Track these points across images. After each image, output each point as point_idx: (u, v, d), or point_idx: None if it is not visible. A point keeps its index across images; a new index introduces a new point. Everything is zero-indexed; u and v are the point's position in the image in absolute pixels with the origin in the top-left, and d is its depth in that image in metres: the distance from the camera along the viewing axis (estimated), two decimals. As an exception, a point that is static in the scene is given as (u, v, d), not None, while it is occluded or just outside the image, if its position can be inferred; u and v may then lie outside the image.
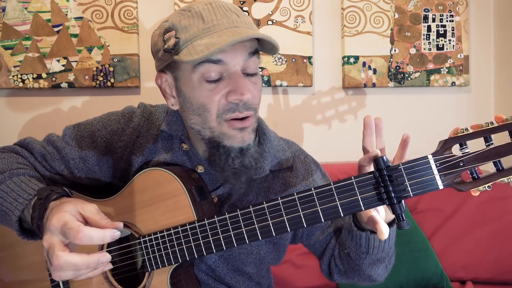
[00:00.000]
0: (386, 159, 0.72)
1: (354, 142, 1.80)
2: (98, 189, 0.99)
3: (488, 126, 0.67)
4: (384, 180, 0.71)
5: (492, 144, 0.68)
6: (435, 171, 0.69)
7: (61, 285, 0.91)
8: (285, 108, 1.79)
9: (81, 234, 0.69)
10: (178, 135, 0.93)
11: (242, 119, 0.84)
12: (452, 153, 0.70)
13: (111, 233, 0.71)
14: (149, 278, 0.86)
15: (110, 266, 0.78)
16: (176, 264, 0.84)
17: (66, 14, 1.65)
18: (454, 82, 1.80)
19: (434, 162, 0.69)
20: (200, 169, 0.93)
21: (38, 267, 0.94)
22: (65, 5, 1.65)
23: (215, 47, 0.76)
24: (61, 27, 1.65)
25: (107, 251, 0.88)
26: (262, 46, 0.86)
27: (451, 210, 1.59)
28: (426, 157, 0.70)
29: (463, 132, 0.68)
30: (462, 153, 0.68)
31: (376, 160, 0.72)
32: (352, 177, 0.73)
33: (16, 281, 0.96)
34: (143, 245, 0.85)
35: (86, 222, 0.74)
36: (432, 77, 1.79)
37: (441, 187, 0.70)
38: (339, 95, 1.81)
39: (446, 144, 0.69)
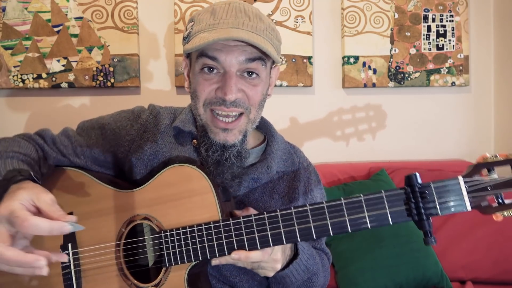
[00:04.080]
0: (419, 176, 0.74)
1: (354, 142, 1.81)
2: (119, 179, 1.01)
3: None
4: (416, 196, 0.73)
5: None
6: (464, 193, 0.72)
7: (72, 272, 0.90)
8: (285, 108, 1.79)
9: (26, 223, 0.67)
10: (190, 131, 0.97)
11: (227, 121, 0.90)
12: (481, 177, 0.73)
13: (60, 226, 0.68)
14: (165, 273, 0.86)
15: (45, 273, 0.69)
16: (196, 262, 0.84)
17: (66, 14, 1.65)
18: (454, 82, 1.80)
19: (464, 183, 0.72)
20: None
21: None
22: (65, 5, 1.65)
23: (203, 42, 0.84)
24: (61, 27, 1.65)
25: (124, 242, 0.89)
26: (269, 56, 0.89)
27: (451, 210, 1.59)
28: (456, 178, 0.73)
29: (493, 159, 0.72)
30: (490, 179, 0.72)
31: (409, 176, 0.74)
32: (383, 191, 0.75)
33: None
34: (163, 240, 0.85)
35: (40, 212, 0.71)
36: (432, 77, 1.79)
37: (469, 208, 0.72)
38: (339, 95, 1.81)
39: (476, 168, 0.73)
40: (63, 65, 1.65)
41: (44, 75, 1.65)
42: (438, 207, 0.73)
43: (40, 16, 1.64)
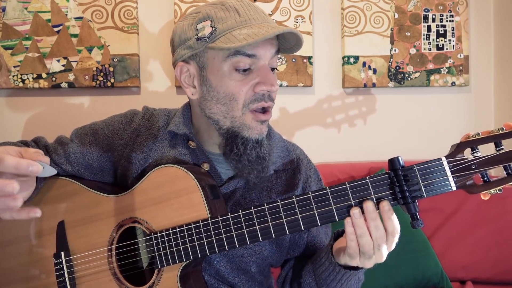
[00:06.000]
0: (401, 159, 0.73)
1: (353, 142, 1.81)
2: (108, 185, 1.01)
3: (499, 132, 0.69)
4: (399, 180, 0.73)
5: (502, 149, 0.69)
6: (448, 173, 0.71)
7: (67, 280, 0.91)
8: (285, 108, 1.79)
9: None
10: (185, 134, 0.96)
11: (265, 112, 0.89)
12: (464, 156, 0.71)
13: (27, 164, 0.68)
14: (158, 275, 0.86)
15: (18, 203, 0.69)
16: (187, 262, 0.84)
17: (66, 14, 1.65)
18: (454, 82, 1.80)
19: (448, 164, 0.71)
20: (206, 166, 0.95)
21: (43, 263, 0.94)
22: (65, 5, 1.65)
23: (259, 37, 0.81)
24: (61, 27, 1.65)
25: (116, 247, 0.89)
26: (281, 46, 0.92)
27: (451, 210, 1.59)
28: (439, 159, 0.72)
29: (475, 137, 0.71)
30: (474, 157, 0.70)
31: (392, 160, 0.74)
32: (367, 177, 0.74)
33: (20, 277, 0.95)
34: (154, 241, 0.85)
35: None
36: (432, 77, 1.79)
37: (454, 188, 0.71)
38: (339, 95, 1.81)
39: (459, 148, 0.71)
40: (63, 65, 1.65)
41: (44, 75, 1.65)
42: (423, 189, 0.72)
43: (40, 16, 1.64)
